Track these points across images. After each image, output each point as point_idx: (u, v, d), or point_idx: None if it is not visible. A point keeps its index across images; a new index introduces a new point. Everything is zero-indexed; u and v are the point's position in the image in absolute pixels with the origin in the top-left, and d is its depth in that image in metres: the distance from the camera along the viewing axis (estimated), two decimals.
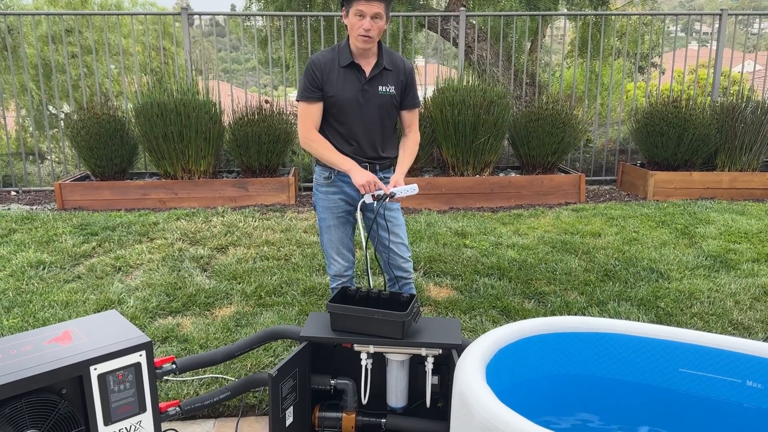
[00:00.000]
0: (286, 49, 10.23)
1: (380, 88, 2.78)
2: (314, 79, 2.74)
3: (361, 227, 2.85)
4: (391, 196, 2.71)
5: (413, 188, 2.76)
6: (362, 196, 2.74)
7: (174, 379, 2.85)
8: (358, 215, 2.85)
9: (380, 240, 2.92)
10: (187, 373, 2.87)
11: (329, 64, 2.75)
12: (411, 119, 2.94)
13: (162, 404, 2.28)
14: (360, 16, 2.62)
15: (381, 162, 2.88)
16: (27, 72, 7.06)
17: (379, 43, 2.79)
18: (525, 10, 8.83)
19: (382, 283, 4.00)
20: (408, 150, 2.91)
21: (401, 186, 2.75)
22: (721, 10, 7.23)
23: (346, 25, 2.73)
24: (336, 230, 2.92)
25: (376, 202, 2.71)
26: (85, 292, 3.85)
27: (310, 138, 2.77)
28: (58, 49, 10.26)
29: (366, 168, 2.80)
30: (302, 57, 9.90)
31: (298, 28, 9.41)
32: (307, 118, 2.77)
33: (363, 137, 2.81)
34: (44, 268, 4.25)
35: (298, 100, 2.81)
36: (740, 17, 7.66)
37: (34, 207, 6.29)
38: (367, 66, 2.76)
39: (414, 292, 3.07)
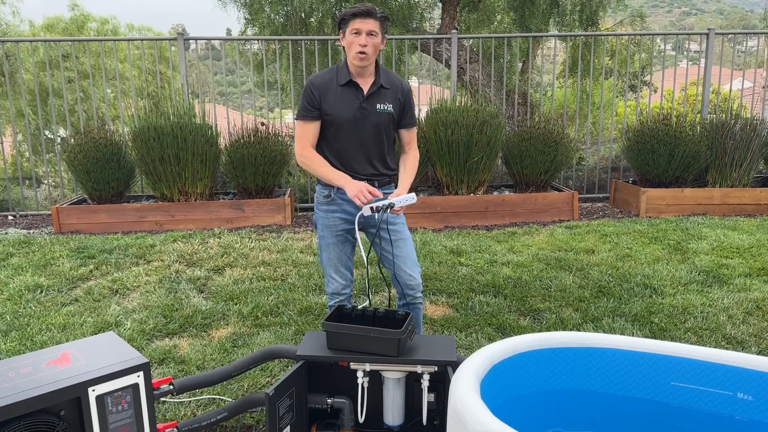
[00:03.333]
0: (281, 72, 10.34)
1: (378, 106, 2.83)
2: (312, 98, 2.80)
3: (360, 247, 2.87)
4: (391, 206, 2.72)
5: (411, 197, 2.76)
6: (360, 210, 2.75)
7: (171, 400, 2.86)
8: (358, 235, 2.86)
9: (385, 255, 2.93)
10: (185, 394, 2.88)
11: (327, 83, 2.81)
12: (410, 137, 2.99)
13: (159, 425, 2.29)
14: (356, 33, 2.69)
15: (380, 178, 2.91)
16: (24, 97, 7.12)
17: (377, 63, 2.85)
18: (516, 32, 8.96)
19: (380, 302, 4.03)
20: (409, 166, 2.95)
21: (400, 196, 2.77)
22: (708, 29, 7.36)
23: (343, 47, 2.79)
24: (335, 248, 2.94)
25: (375, 213, 2.74)
26: (82, 315, 3.86)
27: (305, 156, 2.84)
28: (54, 74, 10.35)
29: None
30: (298, 79, 10.00)
31: (294, 51, 9.53)
32: (303, 136, 2.84)
33: (361, 154, 2.85)
34: (41, 292, 4.27)
35: (296, 119, 2.87)
36: (728, 36, 7.79)
37: (31, 231, 6.30)
38: (365, 84, 2.82)
39: (420, 312, 3.08)
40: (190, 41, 7.15)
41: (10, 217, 7.02)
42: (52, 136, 10.13)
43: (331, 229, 2.92)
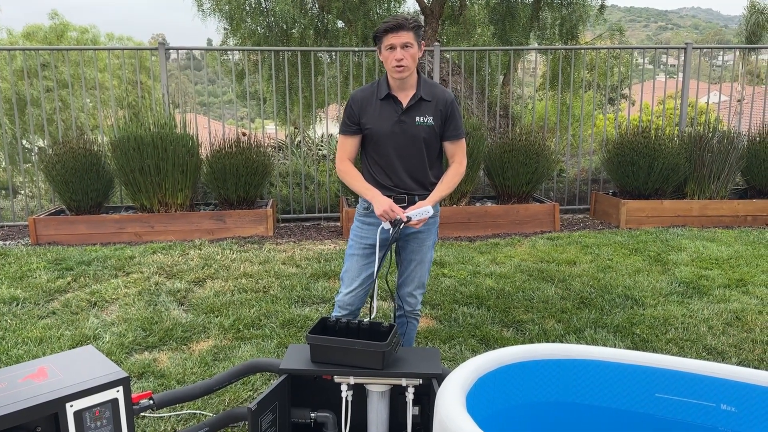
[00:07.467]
0: (263, 83, 10.31)
1: (417, 118, 2.79)
2: (351, 113, 2.81)
3: (377, 260, 2.82)
4: (408, 220, 2.68)
5: (427, 210, 2.71)
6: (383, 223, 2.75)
7: (151, 415, 2.81)
8: (377, 253, 2.80)
9: (400, 269, 2.96)
10: (165, 408, 2.83)
11: (368, 97, 2.81)
12: (454, 150, 2.91)
13: None
14: (391, 48, 2.68)
15: (422, 194, 2.85)
16: (1, 106, 7.01)
17: (419, 74, 2.82)
18: (498, 45, 9.04)
19: (382, 314, 4.00)
20: (446, 180, 2.87)
21: (418, 209, 2.72)
22: (686, 44, 7.49)
23: (382, 61, 2.77)
24: (356, 261, 2.89)
25: (392, 228, 2.71)
26: (59, 328, 3.78)
27: (341, 168, 2.87)
28: (33, 83, 10.21)
29: (404, 200, 2.82)
30: (279, 90, 9.98)
31: (276, 62, 9.51)
32: (342, 149, 2.87)
33: (401, 168, 2.82)
34: (18, 305, 4.18)
35: (338, 133, 2.92)
36: (705, 50, 7.94)
37: (8, 242, 6.18)
38: (405, 98, 2.79)
39: (415, 327, 3.07)
40: (171, 51, 7.09)
41: None
42: (30, 146, 9.98)
43: (360, 242, 2.89)
